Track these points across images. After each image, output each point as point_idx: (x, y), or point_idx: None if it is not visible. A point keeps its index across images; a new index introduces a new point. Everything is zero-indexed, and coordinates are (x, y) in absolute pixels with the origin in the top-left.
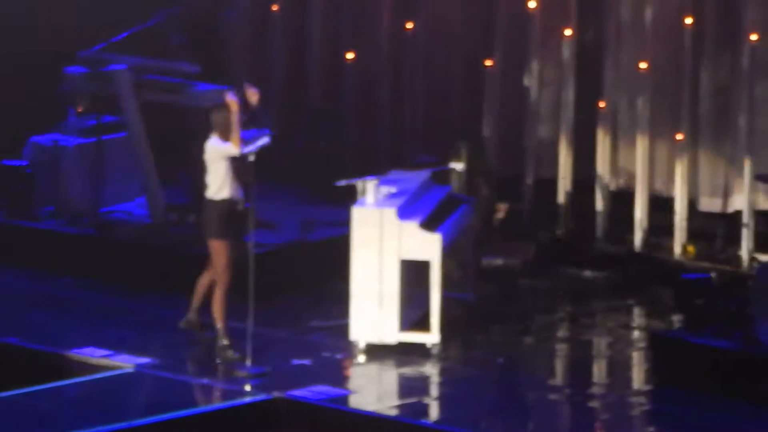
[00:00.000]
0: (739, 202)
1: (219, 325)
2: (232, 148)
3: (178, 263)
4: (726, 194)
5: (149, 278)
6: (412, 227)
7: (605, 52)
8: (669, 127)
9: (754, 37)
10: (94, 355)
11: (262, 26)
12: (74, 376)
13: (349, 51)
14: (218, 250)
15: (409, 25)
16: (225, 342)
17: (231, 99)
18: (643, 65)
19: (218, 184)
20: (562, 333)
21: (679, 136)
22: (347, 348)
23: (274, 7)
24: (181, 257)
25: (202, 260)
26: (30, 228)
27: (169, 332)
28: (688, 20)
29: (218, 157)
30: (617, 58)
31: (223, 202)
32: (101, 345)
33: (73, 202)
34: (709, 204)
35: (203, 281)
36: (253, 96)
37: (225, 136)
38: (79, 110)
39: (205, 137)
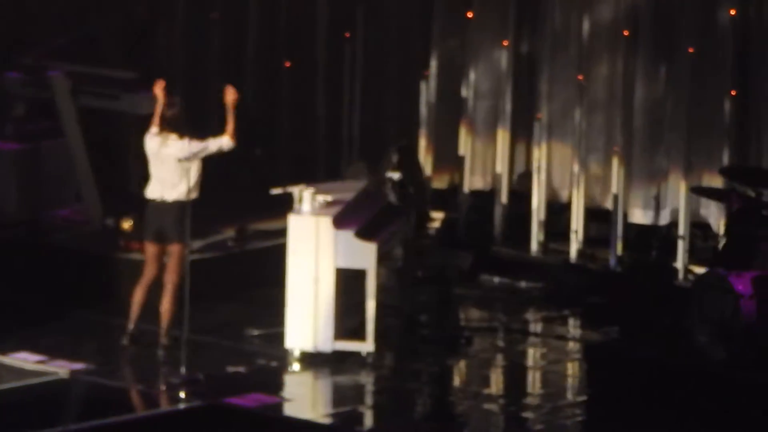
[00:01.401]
0: (671, 214)
1: (167, 325)
2: (229, 142)
3: (115, 269)
4: (659, 206)
5: (85, 284)
6: (347, 236)
7: (542, 64)
8: (604, 138)
9: (690, 49)
10: (28, 360)
11: (200, 33)
12: (8, 382)
13: (287, 59)
14: (183, 253)
15: (347, 34)
16: (166, 342)
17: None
18: (579, 77)
19: (191, 184)
20: (496, 343)
21: (614, 148)
22: (282, 356)
23: (214, 15)
24: (118, 263)
25: (140, 266)
26: None
27: (104, 338)
28: (625, 32)
29: (201, 154)
30: (553, 69)
31: (190, 202)
32: (36, 350)
33: (9, 207)
34: (642, 216)
35: (143, 291)
36: (230, 95)
37: (182, 134)
38: (17, 113)
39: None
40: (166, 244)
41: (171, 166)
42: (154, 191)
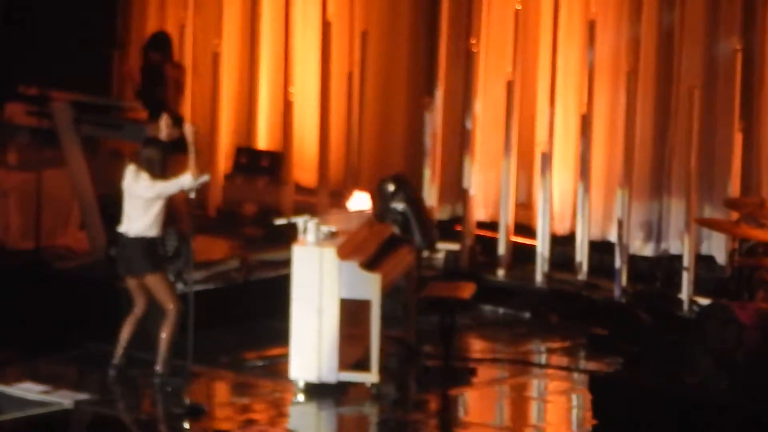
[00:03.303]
0: (674, 246)
1: (163, 353)
2: (191, 180)
3: (118, 298)
4: (661, 238)
5: (88, 313)
6: (352, 267)
7: (545, 96)
8: (607, 170)
9: (689, 83)
10: (32, 390)
11: (204, 66)
12: (11, 412)
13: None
14: (160, 280)
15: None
16: (161, 370)
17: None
18: (582, 109)
19: (152, 221)
20: (501, 374)
21: (616, 179)
22: (286, 386)
23: (218, 49)
24: (121, 292)
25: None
26: None
27: (108, 368)
28: (626, 66)
29: (163, 194)
30: (555, 101)
31: (155, 238)
32: (39, 380)
33: (12, 236)
34: (645, 247)
35: (130, 323)
36: (189, 130)
37: (154, 174)
38: (20, 142)
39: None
40: (139, 276)
41: (136, 203)
42: (122, 225)
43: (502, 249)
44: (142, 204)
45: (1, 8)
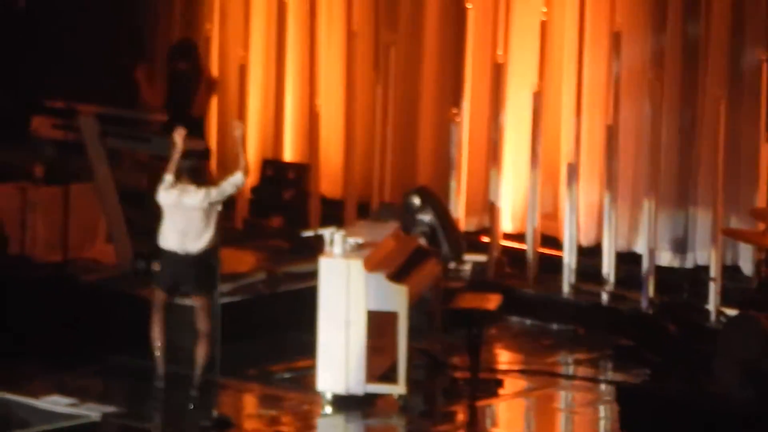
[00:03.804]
0: (701, 256)
1: (201, 370)
2: (242, 177)
3: (146, 311)
4: (688, 249)
5: (115, 326)
6: (379, 278)
7: (571, 107)
8: (633, 181)
9: (716, 91)
10: (59, 403)
11: (230, 78)
12: (39, 425)
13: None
14: (210, 303)
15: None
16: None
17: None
18: (608, 120)
19: (214, 232)
20: (528, 385)
21: (642, 190)
22: (314, 399)
23: (244, 61)
24: (148, 305)
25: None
26: None
27: (135, 380)
28: (652, 77)
29: (220, 198)
30: (581, 114)
31: (214, 251)
32: (66, 393)
33: (39, 249)
34: (672, 259)
35: (160, 335)
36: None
37: (200, 183)
38: (47, 155)
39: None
40: (186, 294)
41: (193, 217)
42: (172, 242)
43: (528, 260)
44: (201, 216)
45: (26, 22)
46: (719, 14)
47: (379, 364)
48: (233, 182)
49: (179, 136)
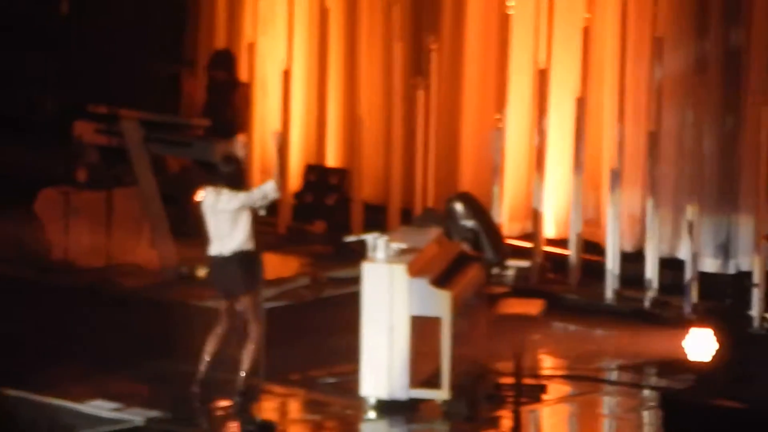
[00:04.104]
0: (744, 262)
1: (245, 372)
2: (274, 188)
3: (189, 316)
4: (731, 254)
5: (159, 331)
6: (422, 283)
7: (613, 113)
8: (675, 187)
9: (758, 97)
10: (103, 408)
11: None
12: (84, 429)
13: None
14: (254, 301)
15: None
16: (242, 389)
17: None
18: (650, 125)
19: (246, 235)
20: (571, 390)
21: (685, 196)
22: (357, 404)
23: (287, 67)
24: (192, 310)
25: (214, 314)
26: (38, 280)
27: (179, 385)
28: (694, 83)
29: (248, 202)
30: (624, 120)
31: (254, 253)
32: (111, 398)
33: (82, 254)
34: (714, 264)
35: (215, 340)
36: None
37: (236, 189)
38: (90, 160)
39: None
40: (235, 297)
41: (222, 219)
42: (213, 247)
43: (571, 266)
44: (229, 219)
45: (70, 27)
46: (761, 20)
47: (423, 370)
48: (263, 189)
49: (241, 144)
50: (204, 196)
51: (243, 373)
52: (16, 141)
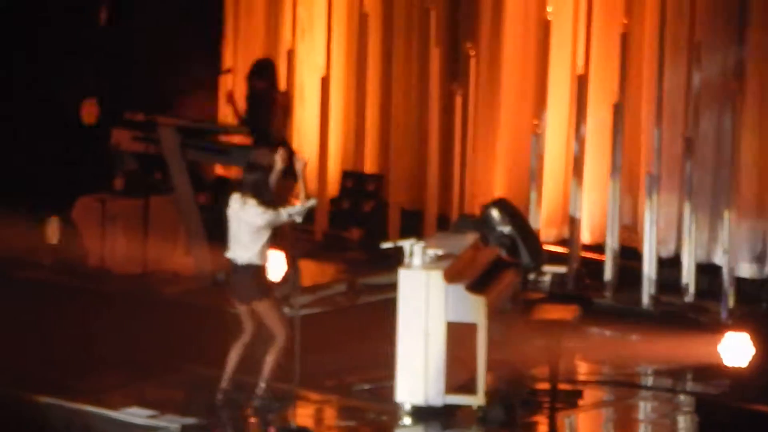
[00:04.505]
0: None
1: (265, 376)
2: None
3: (224, 323)
4: (766, 260)
5: (195, 338)
6: (458, 290)
7: (651, 118)
8: (712, 192)
9: None
10: (139, 415)
11: (311, 91)
12: None
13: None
14: (270, 307)
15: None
16: (261, 393)
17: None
18: (688, 131)
19: (260, 249)
20: (607, 396)
21: (722, 201)
22: (393, 410)
23: (325, 74)
24: (227, 317)
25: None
26: (75, 287)
27: (214, 392)
28: (732, 88)
29: (273, 223)
30: (661, 125)
31: (263, 266)
32: (146, 405)
33: (119, 261)
34: (750, 270)
35: (237, 348)
36: (300, 162)
37: (262, 199)
38: (128, 168)
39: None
40: (248, 303)
41: (245, 229)
42: (230, 252)
43: (608, 271)
44: (251, 231)
45: (108, 35)
46: None
47: (458, 375)
48: (289, 211)
49: (280, 156)
50: (231, 201)
51: (263, 384)
52: (55, 149)
